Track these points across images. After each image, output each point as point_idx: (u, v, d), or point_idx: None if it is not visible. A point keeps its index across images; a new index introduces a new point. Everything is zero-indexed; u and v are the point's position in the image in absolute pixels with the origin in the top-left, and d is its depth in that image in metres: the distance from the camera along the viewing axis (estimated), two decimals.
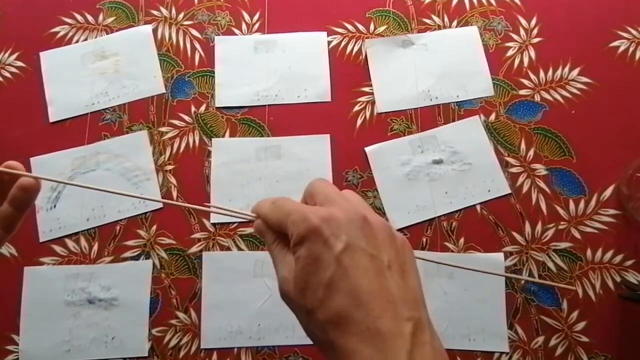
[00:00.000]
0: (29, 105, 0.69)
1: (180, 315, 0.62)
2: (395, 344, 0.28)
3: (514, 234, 0.63)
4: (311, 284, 0.30)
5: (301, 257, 0.31)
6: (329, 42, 0.71)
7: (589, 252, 0.62)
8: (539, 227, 0.63)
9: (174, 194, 0.65)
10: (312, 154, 0.67)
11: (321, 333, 0.29)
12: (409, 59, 0.71)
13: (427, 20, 0.72)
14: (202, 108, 0.69)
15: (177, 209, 0.65)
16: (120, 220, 0.65)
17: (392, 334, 0.28)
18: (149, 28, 0.72)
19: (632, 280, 0.60)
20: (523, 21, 0.71)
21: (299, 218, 0.31)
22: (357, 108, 0.68)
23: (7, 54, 0.71)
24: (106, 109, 0.69)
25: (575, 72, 0.69)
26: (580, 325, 0.60)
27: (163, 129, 0.68)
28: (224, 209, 0.41)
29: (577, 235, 0.63)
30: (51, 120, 0.68)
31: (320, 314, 0.29)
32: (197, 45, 0.72)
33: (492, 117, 0.67)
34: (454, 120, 0.67)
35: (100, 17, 0.73)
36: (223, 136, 0.68)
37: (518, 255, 0.62)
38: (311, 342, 0.32)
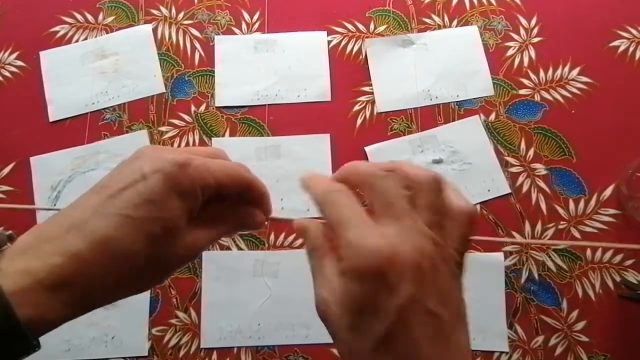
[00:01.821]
0: (29, 105, 0.69)
1: (180, 314, 0.62)
2: None
3: (514, 233, 0.63)
4: (362, 329, 0.26)
5: (355, 292, 0.27)
6: (329, 42, 0.71)
7: (588, 252, 0.62)
8: (538, 226, 0.63)
9: None
10: (312, 153, 0.67)
11: None
12: (409, 59, 0.70)
13: (427, 20, 0.72)
14: (202, 107, 0.69)
15: None
16: None
17: None
18: (148, 27, 0.72)
19: (631, 280, 0.60)
20: (523, 21, 0.71)
21: (361, 245, 0.26)
22: (357, 108, 0.68)
23: (7, 54, 0.71)
24: (106, 108, 0.69)
25: (575, 71, 0.69)
26: (580, 325, 0.60)
27: (163, 128, 0.68)
28: (282, 218, 0.37)
29: (577, 235, 0.63)
30: (51, 119, 0.68)
31: None
32: (197, 45, 0.72)
33: (492, 116, 0.67)
34: (454, 120, 0.67)
35: (100, 17, 0.73)
36: (223, 136, 0.68)
37: (518, 254, 0.62)
38: (311, 342, 0.31)
